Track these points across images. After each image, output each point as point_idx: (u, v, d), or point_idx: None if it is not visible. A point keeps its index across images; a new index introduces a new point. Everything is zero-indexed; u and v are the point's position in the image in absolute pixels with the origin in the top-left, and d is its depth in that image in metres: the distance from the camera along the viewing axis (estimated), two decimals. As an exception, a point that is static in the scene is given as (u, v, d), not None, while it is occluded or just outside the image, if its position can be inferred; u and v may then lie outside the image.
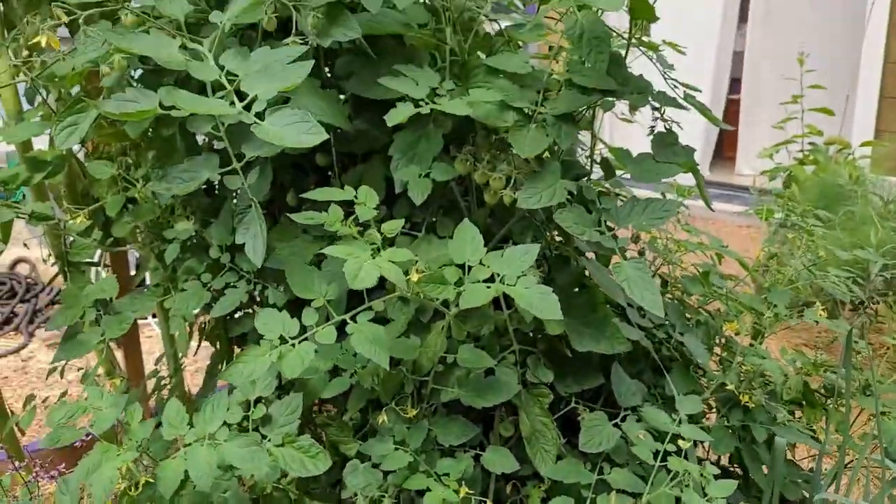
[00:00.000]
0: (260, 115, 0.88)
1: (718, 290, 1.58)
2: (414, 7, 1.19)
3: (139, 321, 1.68)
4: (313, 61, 0.93)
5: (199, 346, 1.62)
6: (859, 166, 3.77)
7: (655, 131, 1.23)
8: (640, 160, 1.18)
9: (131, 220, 1.37)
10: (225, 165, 1.09)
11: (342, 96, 1.30)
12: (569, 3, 1.03)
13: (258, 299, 1.45)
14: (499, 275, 1.03)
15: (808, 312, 1.42)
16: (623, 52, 1.23)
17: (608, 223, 1.15)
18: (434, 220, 1.30)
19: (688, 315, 1.57)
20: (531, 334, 1.29)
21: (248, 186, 1.04)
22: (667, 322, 1.46)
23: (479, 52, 1.28)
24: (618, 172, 1.30)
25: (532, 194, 1.11)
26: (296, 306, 1.24)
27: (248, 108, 0.89)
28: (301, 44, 1.07)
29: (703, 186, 1.24)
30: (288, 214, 1.46)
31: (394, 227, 1.04)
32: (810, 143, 3.98)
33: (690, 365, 1.44)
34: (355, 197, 1.06)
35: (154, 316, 2.82)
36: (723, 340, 1.60)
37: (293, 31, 1.10)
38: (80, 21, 1.03)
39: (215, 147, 1.40)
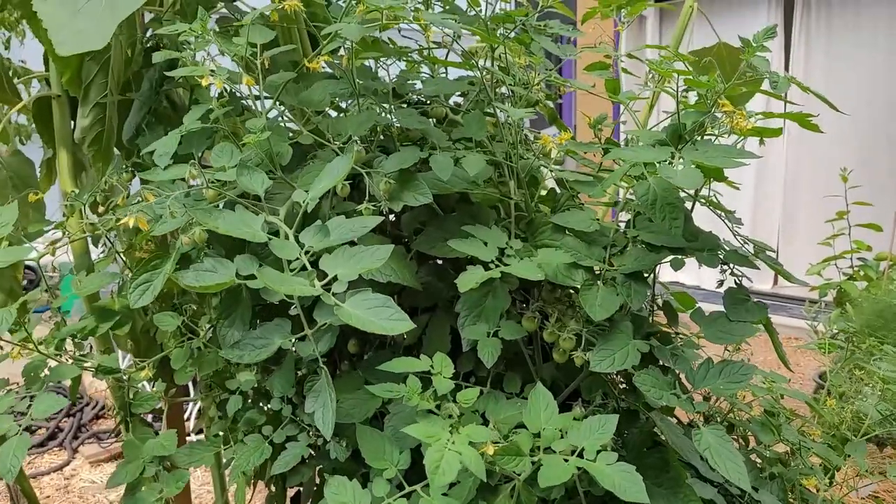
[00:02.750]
0: (339, 296, 0.88)
1: (788, 439, 1.52)
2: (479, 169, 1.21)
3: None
4: (392, 246, 0.94)
5: (253, 491, 1.58)
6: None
7: (726, 287, 1.21)
8: (712, 319, 1.15)
9: (194, 370, 1.37)
10: (296, 329, 1.09)
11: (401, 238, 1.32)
12: (640, 169, 1.03)
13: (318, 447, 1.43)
14: (575, 447, 1.00)
15: (890, 469, 1.35)
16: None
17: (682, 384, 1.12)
18: (499, 372, 1.28)
19: (759, 465, 1.50)
20: (602, 497, 1.24)
21: (318, 352, 1.04)
22: (739, 475, 1.40)
23: (541, 206, 1.29)
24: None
25: (605, 356, 1.09)
26: (358, 459, 1.21)
27: (327, 286, 0.90)
28: (374, 211, 1.09)
29: (779, 344, 1.21)
30: (347, 363, 1.48)
31: (470, 396, 1.02)
32: (860, 259, 3.92)
33: (767, 523, 1.37)
34: (431, 367, 1.05)
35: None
36: (798, 490, 1.52)
37: (366, 195, 1.12)
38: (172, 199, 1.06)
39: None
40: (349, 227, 1.00)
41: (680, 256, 1.17)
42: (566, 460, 0.98)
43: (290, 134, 1.24)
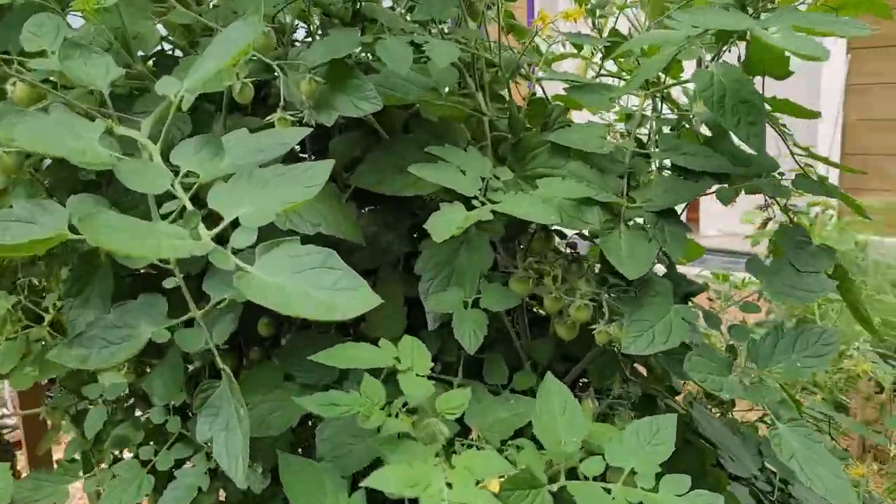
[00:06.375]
0: (244, 254, 0.50)
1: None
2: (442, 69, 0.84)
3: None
4: (331, 162, 0.56)
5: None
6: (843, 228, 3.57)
7: (780, 225, 0.90)
8: (775, 271, 0.83)
9: (36, 374, 0.96)
10: (176, 307, 0.70)
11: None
12: (693, 52, 0.69)
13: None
14: (616, 467, 0.66)
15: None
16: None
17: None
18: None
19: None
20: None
21: (213, 345, 0.65)
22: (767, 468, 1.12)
23: (527, 124, 0.94)
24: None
25: (640, 331, 0.75)
26: (280, 483, 0.85)
27: (222, 238, 0.51)
28: (292, 122, 0.71)
29: (859, 303, 0.91)
30: (258, 349, 1.09)
31: (455, 404, 0.66)
32: (791, 205, 3.76)
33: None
34: (397, 359, 0.68)
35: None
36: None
37: (280, 102, 0.73)
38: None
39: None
40: (255, 143, 0.61)
41: (726, 185, 0.85)
42: (608, 490, 0.64)
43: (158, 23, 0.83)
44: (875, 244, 3.31)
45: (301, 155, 1.02)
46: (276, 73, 0.75)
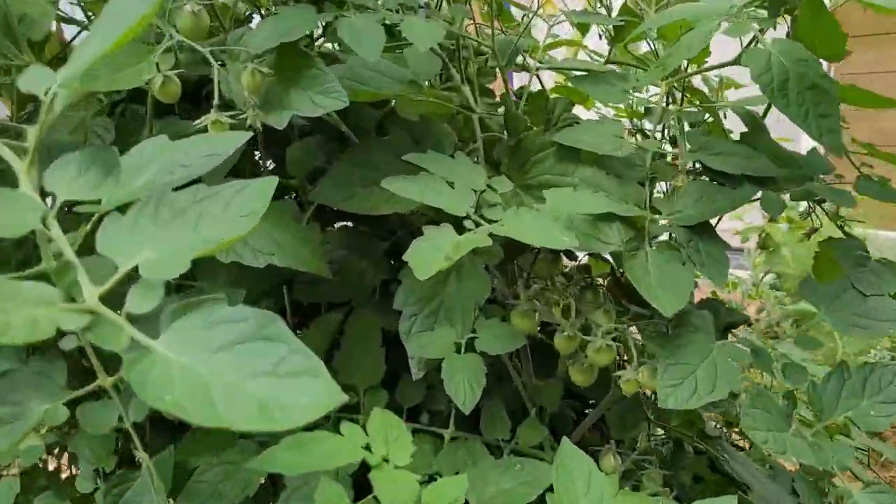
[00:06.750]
0: (145, 323, 0.34)
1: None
2: (421, 56, 0.69)
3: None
4: (275, 179, 0.39)
5: None
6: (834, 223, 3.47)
7: (838, 238, 0.75)
8: (836, 294, 0.68)
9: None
10: (82, 372, 0.54)
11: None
12: (742, 27, 0.54)
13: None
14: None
15: None
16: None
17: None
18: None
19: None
20: None
21: (130, 422, 0.49)
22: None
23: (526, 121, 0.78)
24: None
25: (679, 378, 0.60)
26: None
27: (115, 299, 0.35)
28: (232, 123, 0.55)
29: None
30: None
31: (450, 500, 0.50)
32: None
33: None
34: (367, 447, 0.52)
35: None
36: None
37: (214, 99, 0.57)
38: None
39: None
40: (179, 153, 0.45)
41: (771, 192, 0.70)
42: None
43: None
44: (871, 238, 3.21)
45: (260, 161, 0.86)
46: (210, 59, 0.59)
